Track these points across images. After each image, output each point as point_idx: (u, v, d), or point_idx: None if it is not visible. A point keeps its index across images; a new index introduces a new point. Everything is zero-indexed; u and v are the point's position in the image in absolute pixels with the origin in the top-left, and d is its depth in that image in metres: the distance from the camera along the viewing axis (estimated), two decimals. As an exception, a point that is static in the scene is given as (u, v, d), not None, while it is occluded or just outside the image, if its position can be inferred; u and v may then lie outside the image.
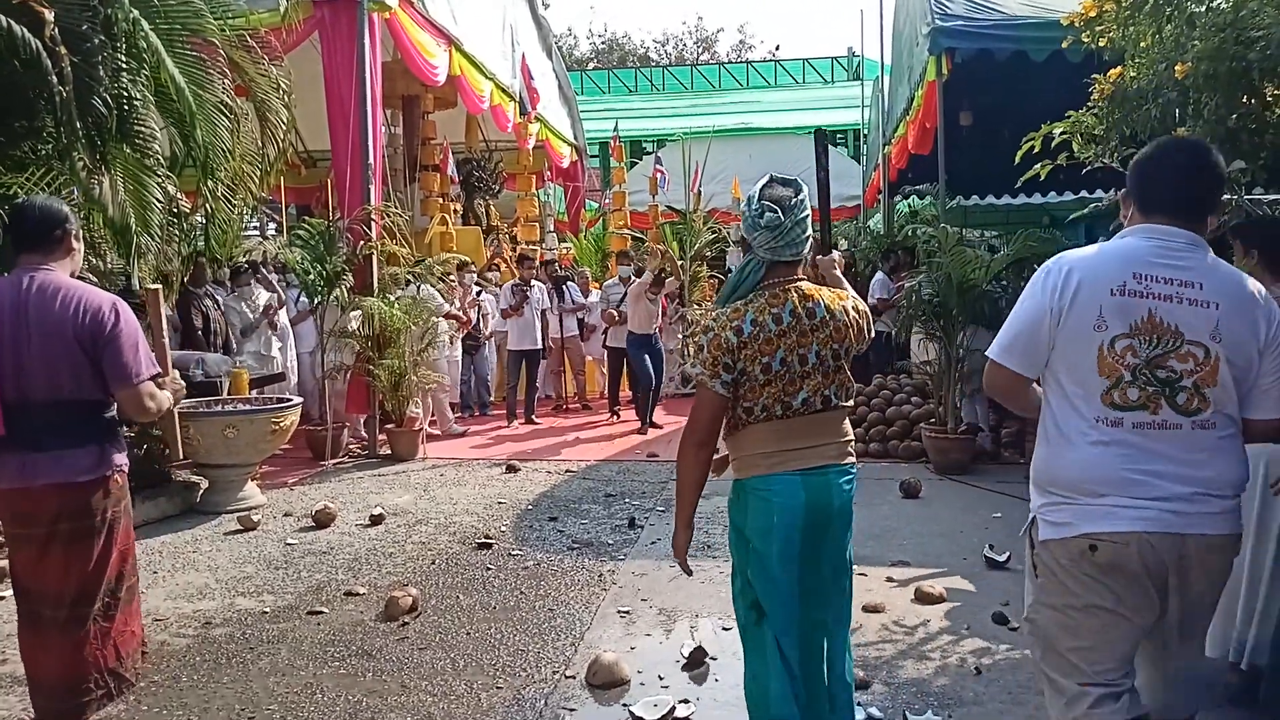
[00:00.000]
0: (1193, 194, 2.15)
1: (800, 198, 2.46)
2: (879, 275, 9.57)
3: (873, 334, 2.60)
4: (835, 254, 2.97)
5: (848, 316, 2.51)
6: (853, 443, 2.58)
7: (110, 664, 2.93)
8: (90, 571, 2.85)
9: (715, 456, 2.63)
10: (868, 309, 2.64)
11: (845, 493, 2.52)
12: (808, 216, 2.47)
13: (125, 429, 6.02)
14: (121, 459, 2.92)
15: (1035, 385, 2.25)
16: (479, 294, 9.76)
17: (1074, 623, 2.14)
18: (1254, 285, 2.13)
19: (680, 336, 10.34)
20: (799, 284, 2.49)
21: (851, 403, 2.57)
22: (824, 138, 3.22)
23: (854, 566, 2.63)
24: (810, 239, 2.50)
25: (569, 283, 10.51)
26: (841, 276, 2.85)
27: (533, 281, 9.69)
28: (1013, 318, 2.21)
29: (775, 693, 2.45)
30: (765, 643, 2.48)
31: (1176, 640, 2.15)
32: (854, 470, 2.56)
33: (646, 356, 8.96)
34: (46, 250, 2.86)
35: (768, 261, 2.47)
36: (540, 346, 9.67)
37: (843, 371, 2.52)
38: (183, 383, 3.31)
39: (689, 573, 2.67)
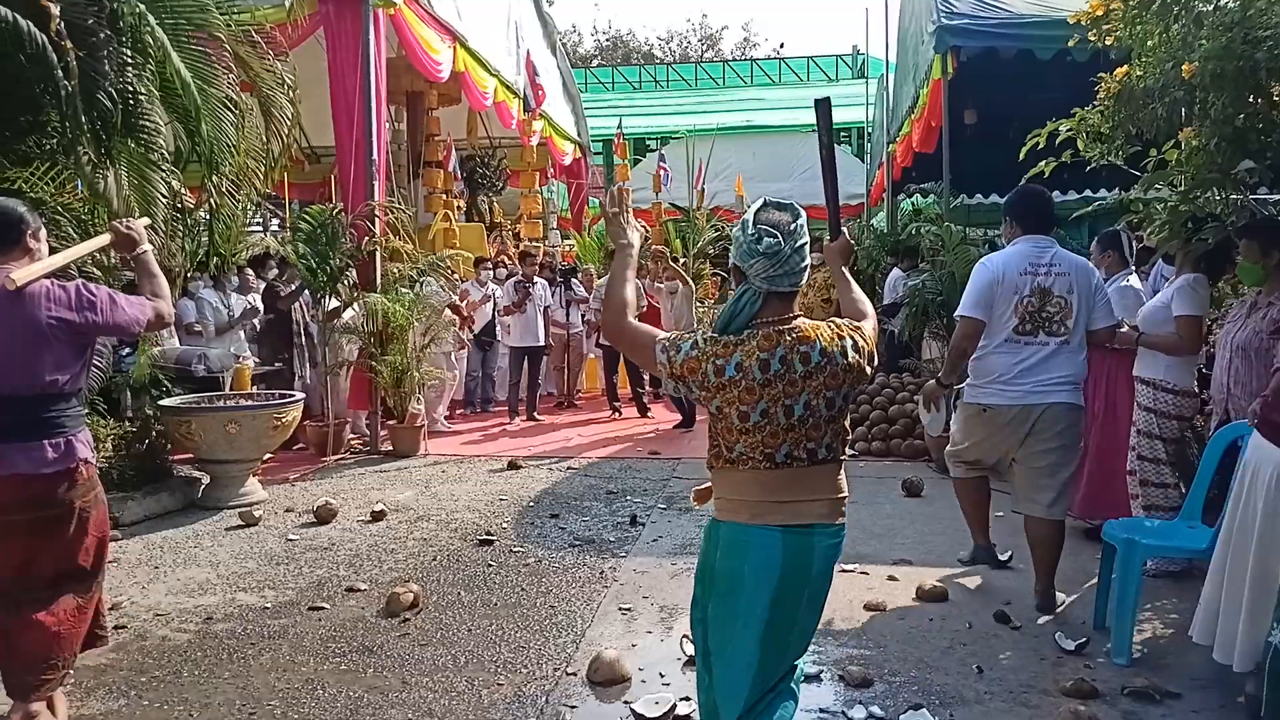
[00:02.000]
0: (1047, 218, 4.07)
1: (799, 223, 2.25)
2: (896, 273, 9.51)
3: (875, 363, 2.36)
4: (844, 235, 2.73)
5: (846, 359, 2.24)
6: (846, 500, 2.34)
7: (79, 646, 3.00)
8: (63, 556, 2.92)
9: (698, 488, 2.51)
10: (873, 332, 2.41)
11: (828, 556, 2.29)
12: (806, 244, 2.26)
13: (128, 424, 6.12)
14: (87, 452, 2.96)
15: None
16: (495, 291, 9.76)
17: (968, 440, 4.19)
18: (1085, 262, 4.11)
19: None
20: (795, 323, 2.24)
21: (848, 454, 2.35)
22: (828, 107, 2.71)
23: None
24: (809, 268, 2.28)
25: (573, 277, 10.49)
26: (848, 274, 2.66)
27: (535, 278, 9.68)
28: (973, 290, 3.96)
29: None
30: (709, 689, 2.32)
31: (1036, 463, 3.96)
32: (843, 532, 2.33)
33: None
34: (4, 252, 2.89)
35: (764, 293, 2.24)
36: (543, 344, 9.66)
37: (838, 421, 2.28)
38: (136, 224, 3.23)
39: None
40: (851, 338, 2.29)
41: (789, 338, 2.22)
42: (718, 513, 2.35)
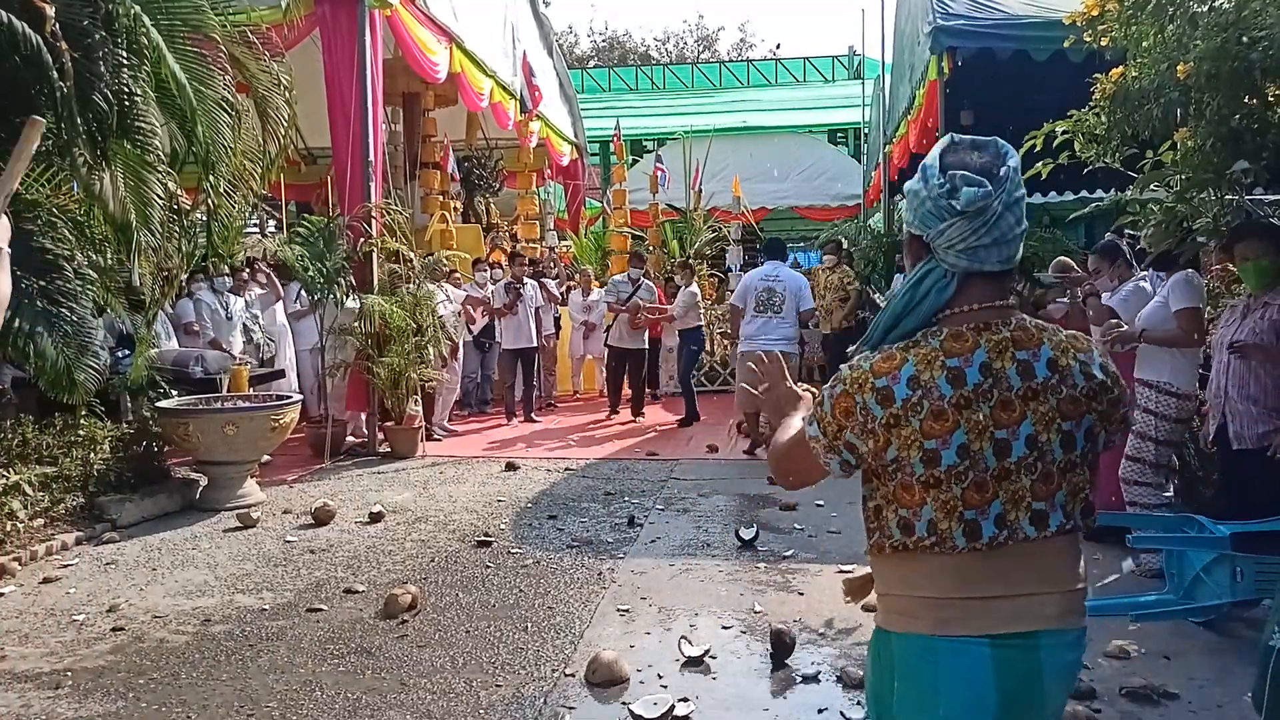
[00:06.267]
0: (781, 252, 8.10)
1: (1010, 165, 1.50)
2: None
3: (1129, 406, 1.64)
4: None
5: (1090, 382, 1.51)
6: (1085, 591, 1.58)
7: None
8: None
9: (849, 576, 1.92)
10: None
11: (1066, 678, 1.57)
12: (1024, 197, 1.51)
13: (126, 426, 6.11)
14: None
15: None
16: (494, 291, 9.73)
17: (744, 380, 4.96)
18: (799, 276, 7.91)
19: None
20: (1010, 317, 1.52)
21: (1086, 522, 1.56)
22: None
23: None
24: (1024, 234, 1.52)
25: (542, 277, 10.51)
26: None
27: (526, 279, 9.67)
28: (738, 291, 7.83)
29: None
30: None
31: None
32: (1085, 639, 1.59)
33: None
34: None
35: (960, 273, 1.51)
36: (535, 345, 9.66)
37: (1078, 471, 1.52)
38: None
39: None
40: (1094, 350, 1.56)
41: (996, 335, 1.49)
42: (885, 619, 1.63)
